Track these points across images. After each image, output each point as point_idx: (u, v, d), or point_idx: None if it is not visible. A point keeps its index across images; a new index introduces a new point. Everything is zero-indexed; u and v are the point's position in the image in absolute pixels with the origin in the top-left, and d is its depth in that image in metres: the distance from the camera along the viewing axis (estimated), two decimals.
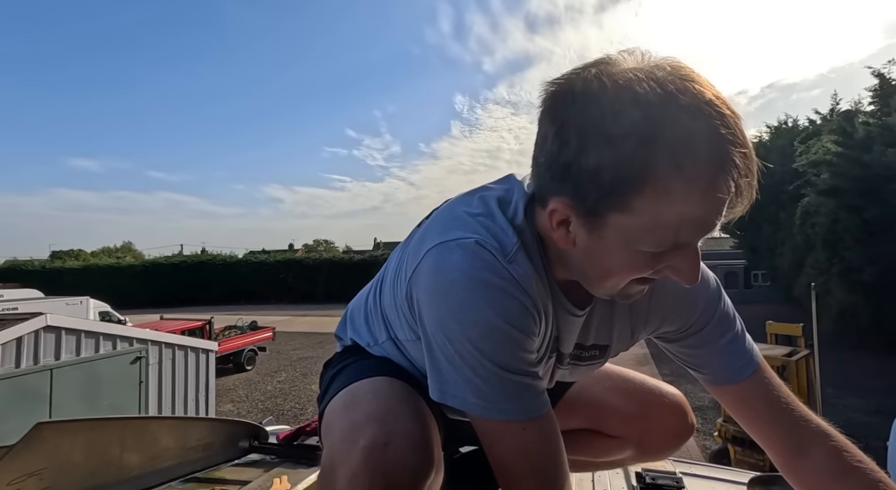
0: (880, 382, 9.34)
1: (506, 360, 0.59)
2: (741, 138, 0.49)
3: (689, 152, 0.48)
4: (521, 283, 0.59)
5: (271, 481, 1.16)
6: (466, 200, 0.68)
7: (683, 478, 1.03)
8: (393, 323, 0.77)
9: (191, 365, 7.25)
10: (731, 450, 5.94)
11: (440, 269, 0.60)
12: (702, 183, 0.49)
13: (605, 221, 0.54)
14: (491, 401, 0.59)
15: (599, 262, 0.58)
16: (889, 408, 7.33)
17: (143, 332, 6.80)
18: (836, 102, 17.14)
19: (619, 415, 0.96)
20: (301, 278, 29.97)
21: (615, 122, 0.49)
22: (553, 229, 0.59)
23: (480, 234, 0.61)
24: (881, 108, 11.54)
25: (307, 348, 14.00)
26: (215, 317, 11.89)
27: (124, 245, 56.64)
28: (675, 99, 0.48)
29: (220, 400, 9.00)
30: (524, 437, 0.61)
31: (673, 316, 0.75)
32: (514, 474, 0.62)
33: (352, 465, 0.59)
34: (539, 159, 0.58)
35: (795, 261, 15.91)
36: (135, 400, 6.22)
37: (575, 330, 0.73)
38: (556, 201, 0.56)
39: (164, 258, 34.58)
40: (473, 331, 0.57)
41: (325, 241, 54.47)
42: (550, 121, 0.56)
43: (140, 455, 1.17)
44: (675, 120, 0.48)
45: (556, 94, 0.56)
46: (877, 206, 10.60)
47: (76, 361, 5.51)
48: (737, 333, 0.76)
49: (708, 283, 0.76)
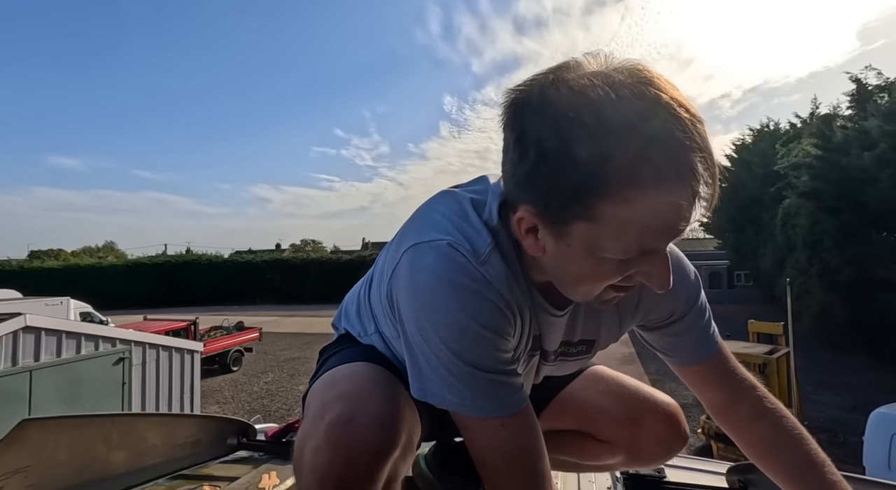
0: (856, 379, 9.59)
1: (479, 360, 0.60)
2: (699, 142, 0.48)
3: (645, 159, 0.47)
4: (493, 284, 0.60)
5: (260, 477, 1.17)
6: (442, 201, 0.69)
7: (665, 468, 1.06)
8: (379, 319, 0.79)
9: (175, 366, 7.15)
10: (713, 446, 6.05)
11: (414, 270, 0.61)
12: (660, 189, 0.48)
13: (570, 229, 0.54)
14: (467, 399, 0.61)
15: (569, 269, 0.59)
16: (865, 404, 7.51)
17: (126, 332, 6.69)
18: (816, 106, 17.56)
19: (611, 420, 0.95)
20: (288, 279, 29.69)
21: (571, 130, 0.49)
22: (522, 237, 0.59)
23: (454, 235, 0.61)
24: (858, 113, 11.86)
25: (294, 349, 13.89)
26: (200, 317, 11.72)
27: (106, 245, 55.57)
28: (630, 104, 0.48)
29: (206, 401, 8.89)
30: (501, 434, 0.62)
31: (659, 304, 0.78)
32: (493, 469, 0.63)
33: (317, 439, 0.61)
34: (505, 167, 0.59)
35: (777, 261, 16.24)
36: (118, 401, 6.11)
37: (559, 329, 0.74)
38: (522, 209, 0.57)
39: (147, 258, 34.00)
40: (446, 332, 0.58)
41: (312, 242, 54.05)
42: (510, 129, 0.56)
43: (126, 452, 1.17)
44: (631, 126, 0.47)
45: (515, 102, 0.56)
46: (854, 209, 10.88)
47: (57, 363, 5.39)
48: (708, 319, 0.81)
49: (688, 275, 0.78)
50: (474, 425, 0.63)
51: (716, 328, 0.82)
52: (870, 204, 10.36)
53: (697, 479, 1.09)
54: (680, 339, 0.80)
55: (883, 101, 10.97)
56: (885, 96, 11.22)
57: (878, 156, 9.52)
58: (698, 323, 0.79)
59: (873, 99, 11.61)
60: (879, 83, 11.78)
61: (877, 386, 9.05)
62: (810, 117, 17.85)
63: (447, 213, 0.65)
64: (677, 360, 0.82)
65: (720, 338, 0.81)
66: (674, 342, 0.81)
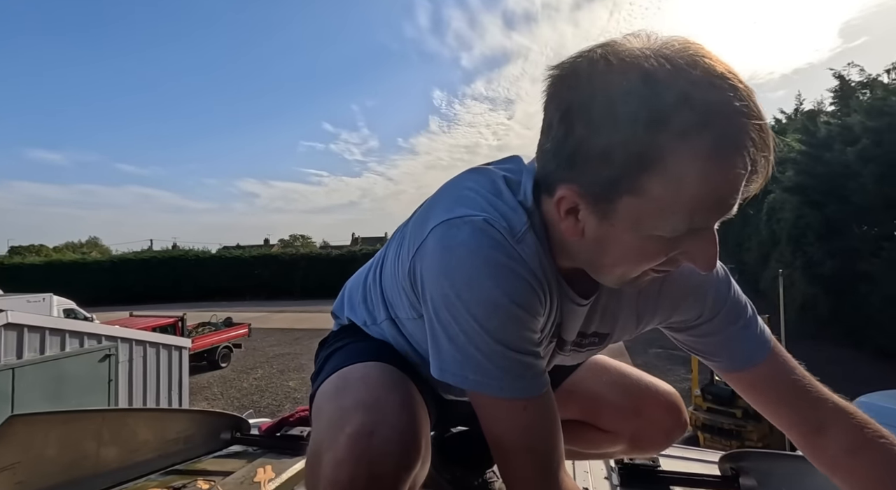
0: (837, 370, 9.82)
1: (510, 338, 0.58)
2: (756, 111, 0.47)
3: (701, 128, 0.46)
4: (528, 263, 0.58)
5: (255, 472, 1.16)
6: (473, 177, 0.66)
7: (658, 457, 1.07)
8: (393, 302, 0.75)
9: (163, 362, 7.07)
10: (700, 437, 6.16)
11: (446, 246, 0.58)
12: (716, 160, 0.47)
13: (616, 207, 0.52)
14: (493, 378, 0.59)
15: (611, 251, 0.57)
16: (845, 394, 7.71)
17: (112, 329, 6.58)
18: (800, 102, 17.87)
19: (614, 410, 0.96)
20: (277, 274, 29.45)
21: (623, 101, 0.47)
22: (561, 219, 0.57)
23: (489, 212, 0.59)
24: (841, 109, 12.08)
25: (284, 345, 13.79)
26: (188, 314, 11.58)
27: (90, 240, 54.58)
28: (686, 74, 0.46)
29: (194, 398, 8.81)
30: (524, 417, 0.60)
31: (683, 306, 0.73)
32: (512, 452, 0.61)
33: (337, 451, 0.59)
34: (545, 146, 0.57)
35: (761, 255, 16.55)
36: (104, 399, 6.02)
37: (579, 319, 0.72)
38: (564, 189, 0.55)
39: (132, 254, 33.39)
40: (478, 309, 0.56)
41: (301, 237, 53.65)
42: (556, 105, 0.54)
43: (118, 448, 1.15)
44: (687, 95, 0.46)
45: (560, 77, 0.54)
46: (837, 203, 11.10)
47: (40, 360, 5.29)
48: (748, 319, 0.74)
49: (717, 271, 0.73)
50: (497, 407, 0.61)
51: (766, 329, 0.74)
52: (852, 198, 10.57)
53: (690, 468, 1.10)
54: (715, 340, 0.74)
55: (865, 98, 11.18)
56: (868, 93, 11.44)
57: (860, 151, 9.71)
58: (735, 321, 0.73)
59: (856, 95, 11.84)
60: (862, 80, 12.01)
61: (857, 376, 9.29)
62: (795, 113, 18.15)
63: (480, 189, 0.63)
64: (721, 365, 0.75)
65: (775, 341, 0.73)
66: (709, 343, 0.75)
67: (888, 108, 9.52)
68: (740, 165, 0.48)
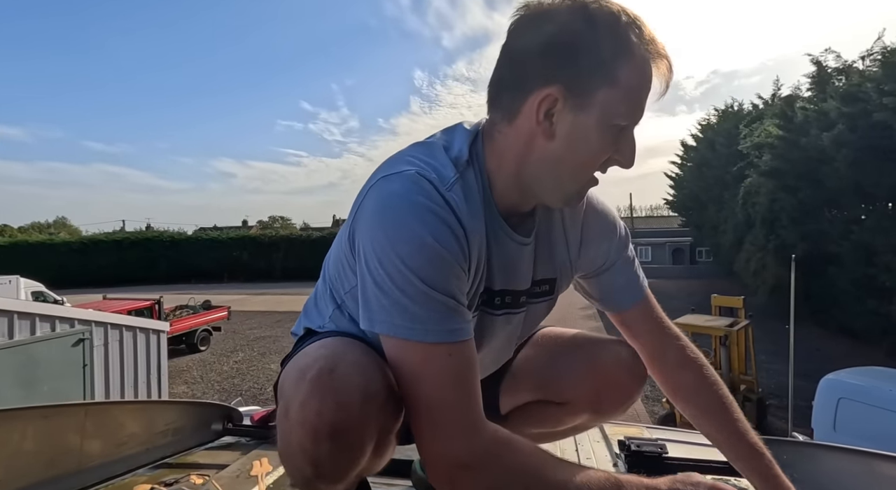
0: (804, 348, 10.23)
1: (435, 278, 0.60)
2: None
3: (649, 37, 0.64)
4: (456, 211, 0.63)
5: (250, 464, 1.12)
6: (412, 147, 0.73)
7: (665, 444, 1.06)
8: (336, 285, 0.77)
9: (140, 346, 6.89)
10: (676, 414, 6.37)
11: (380, 196, 0.64)
12: (663, 59, 0.66)
13: (592, 99, 0.63)
14: (419, 321, 0.60)
15: (577, 148, 0.66)
16: (812, 371, 8.07)
17: (85, 312, 6.35)
18: (778, 88, 18.11)
19: (565, 378, 0.94)
20: (257, 256, 28.92)
21: (597, 12, 0.63)
22: (538, 123, 0.65)
23: (420, 167, 0.65)
24: (818, 95, 12.28)
25: (265, 327, 13.65)
26: (164, 297, 11.30)
27: (58, 220, 52.50)
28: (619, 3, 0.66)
29: (174, 381, 8.66)
30: (449, 363, 0.61)
31: (595, 250, 0.87)
32: (436, 407, 0.60)
33: (301, 396, 0.60)
34: (515, 62, 0.67)
35: (736, 238, 16.96)
36: (79, 384, 5.85)
37: (527, 261, 0.78)
38: (548, 89, 0.64)
39: (104, 235, 32.25)
40: (404, 248, 0.59)
41: (281, 218, 52.71)
42: (537, 19, 0.65)
43: (102, 442, 1.09)
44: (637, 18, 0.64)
45: (529, 5, 0.66)
46: (811, 187, 11.39)
47: (10, 344, 5.07)
48: (637, 268, 0.91)
49: (618, 227, 0.90)
50: (421, 353, 0.61)
51: (644, 277, 0.91)
52: (826, 183, 10.86)
53: (697, 453, 1.10)
54: (614, 284, 0.89)
55: (841, 84, 11.38)
56: (843, 79, 11.64)
57: (835, 136, 9.91)
58: (628, 269, 0.89)
59: (832, 81, 12.04)
60: (838, 66, 12.20)
61: (823, 354, 9.72)
62: (772, 99, 18.43)
63: (415, 153, 0.69)
64: (613, 306, 0.90)
65: (647, 287, 0.91)
66: (608, 287, 0.90)
67: (862, 95, 9.71)
68: (669, 67, 0.67)
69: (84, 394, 5.88)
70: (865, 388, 5.16)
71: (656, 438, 1.11)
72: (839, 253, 10.70)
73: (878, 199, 10.54)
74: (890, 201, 10.56)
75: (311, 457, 0.59)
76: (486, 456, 0.60)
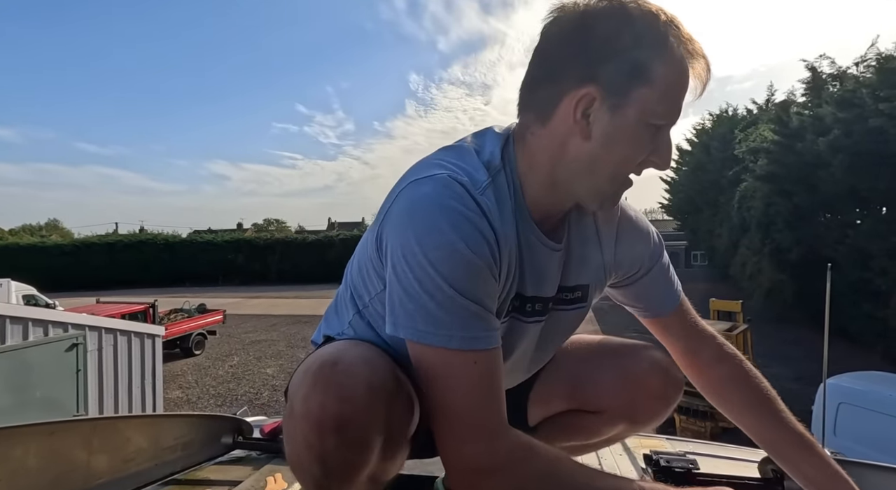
0: (800, 352, 10.30)
1: (464, 284, 0.59)
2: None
3: (690, 39, 0.64)
4: (487, 216, 0.62)
5: (264, 481, 1.07)
6: (442, 150, 0.72)
7: (696, 459, 1.03)
8: (360, 289, 0.75)
9: (135, 351, 6.78)
10: (676, 418, 6.36)
11: (410, 200, 0.62)
12: (699, 60, 0.65)
13: (629, 99, 0.62)
14: (444, 327, 0.59)
15: (614, 148, 0.65)
16: (808, 374, 8.10)
17: (79, 316, 6.24)
18: (772, 93, 18.28)
19: (600, 387, 0.91)
20: (252, 259, 28.74)
21: (635, 10, 0.62)
22: (575, 122, 0.64)
23: (452, 170, 0.64)
24: (812, 100, 12.40)
25: (260, 331, 13.52)
26: (159, 300, 11.18)
27: (49, 222, 51.93)
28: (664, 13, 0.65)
29: (168, 386, 8.55)
30: (474, 371, 0.60)
31: (635, 249, 0.86)
32: (458, 413, 0.59)
33: (304, 390, 0.59)
34: (549, 63, 0.66)
35: (731, 242, 17.07)
36: (72, 389, 5.75)
37: (556, 267, 0.76)
38: (586, 88, 0.63)
39: (97, 237, 31.95)
40: (434, 253, 0.58)
41: (276, 221, 52.47)
42: (572, 20, 0.64)
43: (109, 458, 1.04)
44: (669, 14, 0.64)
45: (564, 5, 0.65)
46: (806, 192, 11.48)
47: (1, 350, 4.97)
48: (672, 275, 0.91)
49: (653, 235, 0.89)
50: (444, 359, 0.60)
51: (679, 283, 0.91)
52: (821, 187, 10.95)
53: (728, 469, 1.07)
54: (652, 291, 0.88)
55: (836, 90, 11.49)
56: (838, 84, 11.76)
57: (831, 142, 10.00)
58: (664, 276, 0.89)
59: (826, 87, 12.16)
60: (832, 72, 12.32)
61: (820, 358, 9.77)
62: (766, 104, 18.59)
63: (446, 157, 0.68)
64: (648, 313, 0.90)
65: (682, 292, 0.90)
66: (646, 294, 0.88)
67: (857, 100, 9.81)
68: (707, 67, 0.66)
69: (77, 399, 5.78)
70: (865, 393, 5.18)
71: (684, 452, 1.07)
72: (834, 257, 10.77)
73: (873, 203, 10.65)
74: (885, 206, 10.67)
75: (317, 453, 0.58)
76: (507, 461, 0.60)
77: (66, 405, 5.58)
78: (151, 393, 7.02)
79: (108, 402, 6.25)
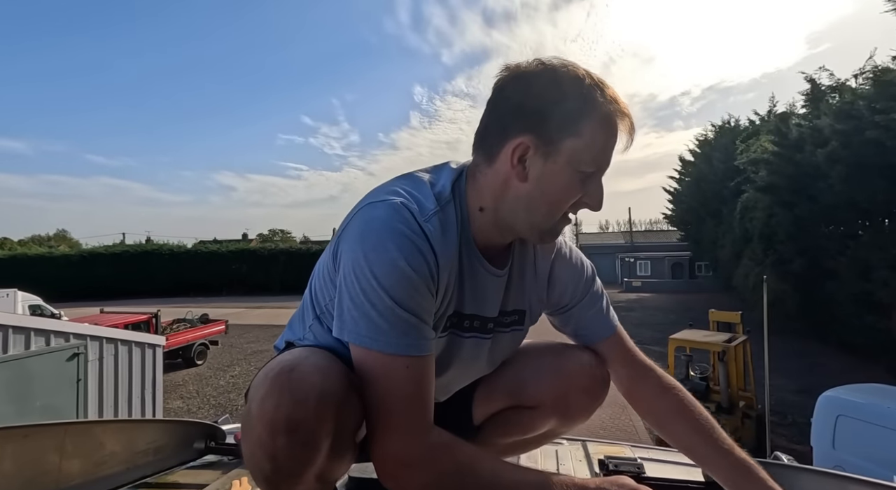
0: (803, 363, 10.18)
1: (403, 297, 0.67)
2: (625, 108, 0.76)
3: (615, 99, 0.73)
4: (430, 240, 0.70)
5: (230, 483, 1.12)
6: (399, 178, 0.80)
7: (644, 463, 1.07)
8: (319, 296, 0.82)
9: (136, 361, 6.83)
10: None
11: (364, 220, 0.71)
12: (623, 119, 0.74)
13: (560, 147, 0.72)
14: (382, 333, 0.67)
15: (547, 189, 0.74)
16: (811, 386, 7.99)
17: (81, 326, 6.32)
18: (773, 105, 18.32)
19: (534, 382, 1.00)
20: (256, 269, 28.92)
21: (565, 74, 0.72)
22: (512, 167, 0.74)
23: (405, 197, 0.72)
24: (812, 112, 12.41)
25: (262, 341, 13.56)
26: (162, 310, 11.27)
27: (58, 233, 52.59)
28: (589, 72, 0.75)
29: (169, 396, 8.59)
30: (406, 374, 0.67)
31: (562, 288, 0.94)
32: (388, 410, 0.67)
33: (262, 393, 0.65)
34: (496, 114, 0.76)
35: (734, 253, 16.97)
36: (72, 399, 5.80)
37: (498, 291, 0.86)
38: (521, 138, 0.72)
39: (103, 248, 32.24)
40: (379, 268, 0.67)
41: (280, 231, 52.81)
42: (515, 80, 0.74)
43: (82, 461, 1.09)
44: (600, 81, 0.73)
45: (511, 71, 0.75)
46: (806, 203, 11.44)
47: (3, 359, 5.04)
48: (606, 304, 0.98)
49: (585, 267, 0.98)
50: (381, 362, 0.67)
51: (614, 314, 0.99)
52: (820, 198, 10.91)
53: (674, 473, 1.10)
54: (582, 320, 0.97)
55: (834, 101, 11.52)
56: (836, 96, 11.79)
57: (829, 153, 10.00)
58: (595, 305, 0.97)
59: (825, 99, 12.19)
60: (831, 84, 12.36)
61: (822, 370, 9.64)
62: (768, 115, 18.62)
63: (402, 185, 0.76)
64: (581, 340, 0.98)
65: (618, 323, 0.98)
66: (577, 323, 0.97)
67: (855, 112, 9.82)
68: (630, 125, 0.75)
69: (77, 409, 5.83)
70: (864, 406, 5.11)
71: (636, 458, 1.11)
72: (836, 268, 10.70)
73: (874, 214, 10.59)
74: (885, 217, 10.61)
75: (268, 451, 0.63)
76: (427, 455, 0.67)
77: (67, 414, 5.63)
78: (151, 402, 7.05)
79: (108, 412, 6.29)
